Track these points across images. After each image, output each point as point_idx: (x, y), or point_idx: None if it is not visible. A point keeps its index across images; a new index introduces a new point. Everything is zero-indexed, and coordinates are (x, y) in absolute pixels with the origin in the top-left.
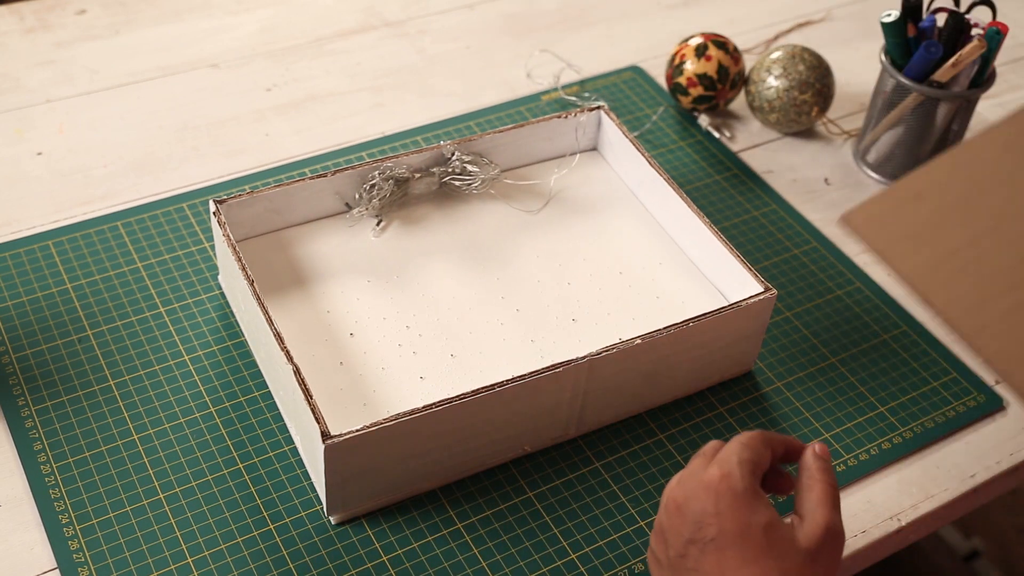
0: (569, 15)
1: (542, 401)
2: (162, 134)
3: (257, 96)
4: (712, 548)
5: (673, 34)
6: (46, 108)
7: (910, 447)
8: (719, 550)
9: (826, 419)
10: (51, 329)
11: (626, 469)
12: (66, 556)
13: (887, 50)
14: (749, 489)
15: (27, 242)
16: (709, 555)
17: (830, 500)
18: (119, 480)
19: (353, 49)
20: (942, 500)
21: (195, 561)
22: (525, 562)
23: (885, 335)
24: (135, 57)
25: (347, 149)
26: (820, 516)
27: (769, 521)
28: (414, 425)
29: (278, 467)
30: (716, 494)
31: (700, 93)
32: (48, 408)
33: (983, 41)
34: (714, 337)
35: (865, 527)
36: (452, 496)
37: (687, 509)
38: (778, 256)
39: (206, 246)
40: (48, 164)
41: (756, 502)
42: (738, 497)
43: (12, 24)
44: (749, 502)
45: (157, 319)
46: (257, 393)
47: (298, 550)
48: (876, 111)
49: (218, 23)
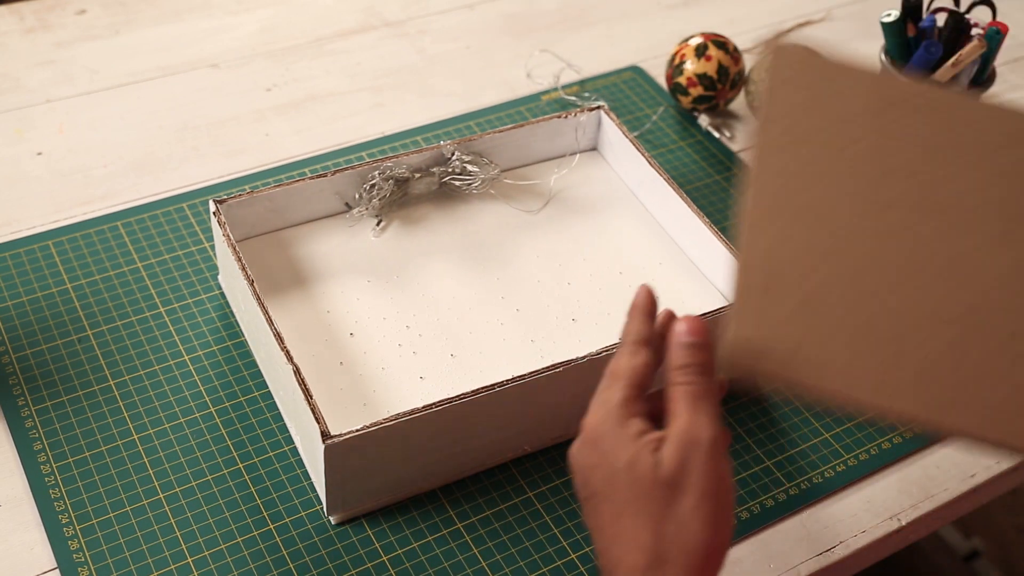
0: (569, 15)
1: (542, 401)
2: (162, 134)
3: (257, 96)
4: (592, 506)
5: (673, 34)
6: (46, 108)
7: (910, 447)
8: (596, 508)
9: (826, 419)
10: (51, 329)
11: None
12: (66, 556)
13: (887, 50)
14: (616, 425)
15: (27, 242)
16: (594, 516)
17: (686, 403)
18: (119, 480)
19: (353, 49)
20: (942, 500)
21: (195, 561)
22: (525, 562)
23: None
24: (135, 57)
25: (347, 149)
26: (674, 428)
27: (630, 458)
28: (414, 425)
29: (278, 467)
30: (591, 443)
31: (700, 93)
32: (48, 408)
33: (983, 41)
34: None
35: (865, 527)
36: (452, 496)
37: (574, 464)
38: None
39: (206, 246)
40: (48, 164)
41: (620, 437)
42: (605, 438)
43: (12, 24)
44: (615, 442)
45: (157, 319)
46: (257, 393)
47: (298, 550)
48: None
49: (218, 23)
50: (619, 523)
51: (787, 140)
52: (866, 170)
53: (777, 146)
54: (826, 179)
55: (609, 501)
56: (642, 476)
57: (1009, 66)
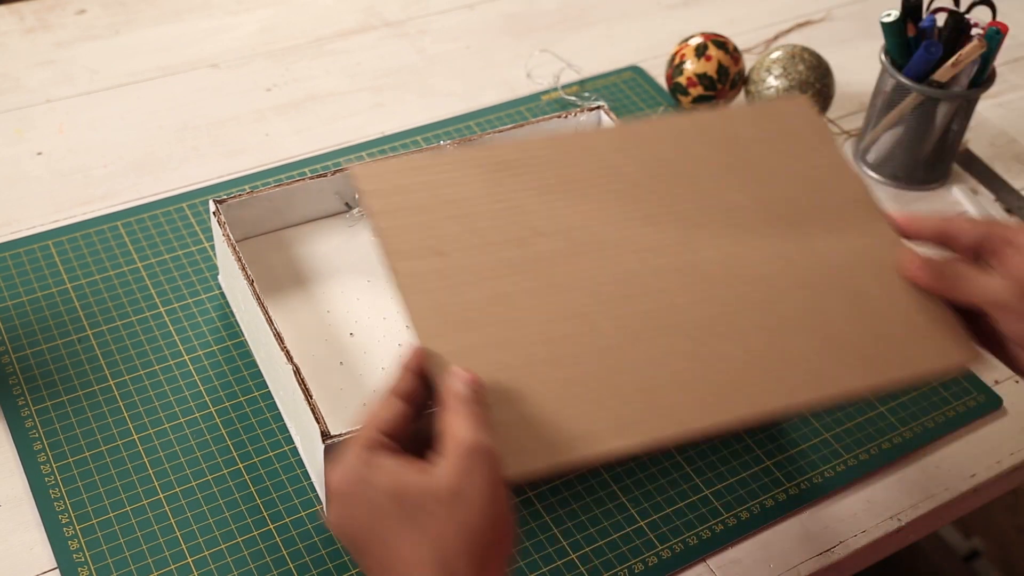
0: (569, 15)
1: None
2: (162, 134)
3: (257, 96)
4: (365, 553)
5: (673, 34)
6: (46, 108)
7: (910, 447)
8: (368, 552)
9: (826, 419)
10: (51, 329)
11: (626, 469)
12: (66, 556)
13: (887, 50)
14: (363, 468)
15: (27, 242)
16: (368, 560)
17: (461, 420)
18: (119, 480)
19: (353, 49)
20: (942, 500)
21: (195, 561)
22: (525, 562)
23: None
24: (135, 57)
25: (347, 149)
26: (451, 444)
27: (393, 487)
28: None
29: (278, 467)
30: (340, 498)
31: (700, 93)
32: (48, 408)
33: (983, 41)
34: None
35: (865, 527)
36: None
37: (334, 528)
38: None
39: (206, 246)
40: (48, 164)
41: (372, 475)
42: (355, 485)
43: (12, 24)
44: (367, 483)
45: (157, 319)
46: (257, 393)
47: (298, 550)
48: (876, 111)
49: (218, 23)
50: (394, 551)
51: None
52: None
53: (405, 253)
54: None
55: (379, 539)
56: (411, 497)
57: (1009, 66)
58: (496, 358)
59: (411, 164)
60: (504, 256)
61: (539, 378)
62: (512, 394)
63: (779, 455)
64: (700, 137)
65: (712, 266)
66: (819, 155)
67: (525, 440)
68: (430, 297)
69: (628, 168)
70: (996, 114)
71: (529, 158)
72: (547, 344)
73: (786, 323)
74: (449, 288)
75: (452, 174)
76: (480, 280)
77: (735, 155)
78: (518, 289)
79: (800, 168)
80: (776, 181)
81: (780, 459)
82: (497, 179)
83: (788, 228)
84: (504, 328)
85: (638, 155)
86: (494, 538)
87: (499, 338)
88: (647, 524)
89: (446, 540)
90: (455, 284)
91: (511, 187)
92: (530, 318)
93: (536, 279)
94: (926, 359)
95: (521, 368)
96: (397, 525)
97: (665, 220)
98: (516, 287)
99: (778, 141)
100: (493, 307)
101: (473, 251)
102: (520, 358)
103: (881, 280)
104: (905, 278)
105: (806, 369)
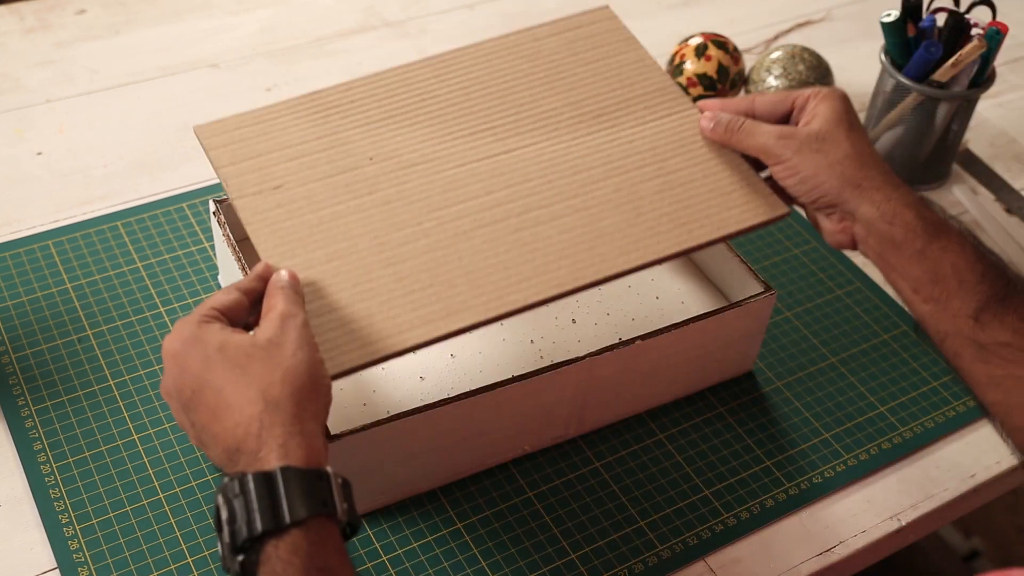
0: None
1: (542, 401)
2: (162, 134)
3: (257, 96)
4: (193, 405)
5: (673, 34)
6: (46, 108)
7: (910, 447)
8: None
9: (826, 419)
10: (51, 329)
11: (626, 469)
12: (66, 556)
13: (887, 50)
14: (196, 329)
15: (27, 242)
16: (197, 412)
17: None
18: (119, 480)
19: (353, 49)
20: (942, 500)
21: (195, 561)
22: (525, 562)
23: (885, 335)
24: (135, 57)
25: None
26: (272, 312)
27: (220, 342)
28: (414, 425)
29: None
30: (173, 357)
31: (700, 93)
32: (48, 408)
33: (983, 41)
34: (714, 337)
35: (865, 527)
36: (452, 496)
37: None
38: (778, 256)
39: (206, 246)
40: (48, 164)
41: (203, 335)
42: (187, 343)
43: (12, 24)
44: (199, 341)
45: (157, 319)
46: None
47: None
48: (876, 111)
49: (218, 23)
50: (224, 396)
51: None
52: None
53: (246, 191)
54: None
55: (208, 386)
56: (238, 348)
57: (1009, 66)
58: (334, 267)
59: (247, 119)
60: (338, 182)
61: (372, 277)
62: (340, 298)
63: (779, 455)
64: (510, 56)
65: (529, 164)
66: (624, 56)
67: (343, 340)
68: (272, 224)
69: (445, 92)
70: (996, 114)
71: (353, 97)
72: (381, 250)
73: (600, 204)
74: (289, 214)
75: (284, 120)
76: (317, 205)
77: (545, 67)
78: (352, 208)
79: (605, 69)
80: (585, 84)
81: (780, 459)
82: (326, 119)
83: (597, 122)
84: (341, 240)
85: (454, 80)
86: (310, 384)
87: (337, 250)
88: (647, 524)
89: (270, 381)
90: (294, 211)
91: (339, 125)
92: (365, 230)
93: (369, 197)
94: (733, 218)
95: (356, 272)
96: (227, 372)
97: (483, 132)
98: (351, 206)
99: (584, 50)
100: (330, 224)
101: (309, 183)
102: (355, 264)
103: (686, 155)
104: (703, 137)
105: (621, 241)
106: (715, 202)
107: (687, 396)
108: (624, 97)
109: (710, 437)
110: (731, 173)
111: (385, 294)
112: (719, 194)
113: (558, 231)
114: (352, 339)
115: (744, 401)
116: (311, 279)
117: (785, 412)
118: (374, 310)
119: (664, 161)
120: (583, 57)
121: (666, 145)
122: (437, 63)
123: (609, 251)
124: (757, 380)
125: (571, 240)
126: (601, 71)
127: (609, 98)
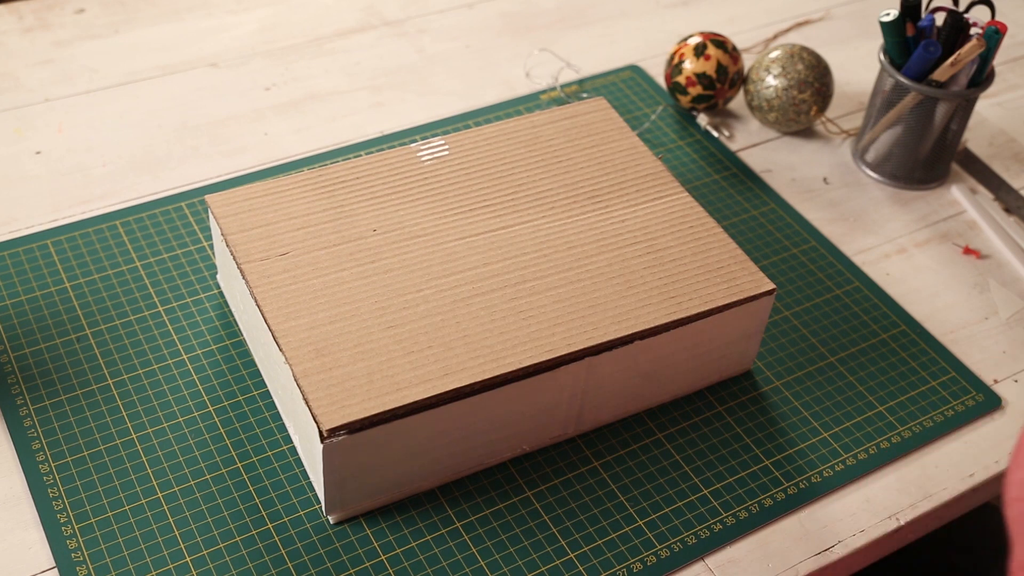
0: (568, 14)
1: (541, 401)
2: (161, 133)
3: (256, 95)
4: None
5: (672, 33)
6: (45, 107)
7: (909, 446)
8: None
9: (825, 418)
10: (50, 329)
11: (625, 469)
12: (64, 556)
13: (886, 49)
14: None
15: (26, 241)
16: None
17: None
18: (118, 480)
19: (352, 48)
20: (941, 500)
21: (194, 561)
22: (524, 562)
23: (884, 334)
24: (135, 57)
25: (346, 148)
26: None
27: None
28: (413, 425)
29: (276, 467)
30: None
31: (699, 92)
32: (47, 408)
33: (982, 40)
34: (713, 336)
35: (864, 527)
36: (451, 496)
37: None
38: (777, 255)
39: (205, 246)
40: (47, 163)
41: None
42: None
43: (11, 23)
44: None
45: (156, 319)
46: (256, 393)
47: (296, 549)
48: (875, 110)
49: (218, 23)
50: None
51: (256, 250)
52: (333, 230)
53: (252, 257)
54: (307, 258)
55: None
56: None
57: (1008, 66)
58: (337, 327)
59: (256, 191)
60: (342, 251)
61: (373, 338)
62: (342, 357)
63: (778, 454)
64: (509, 140)
65: (525, 239)
66: (618, 144)
67: (342, 396)
68: (278, 288)
69: (446, 172)
70: (995, 113)
71: (359, 173)
72: (382, 313)
73: (593, 277)
74: (294, 279)
75: (292, 192)
76: (321, 271)
77: (542, 151)
78: (355, 274)
79: (600, 155)
80: (580, 168)
81: (779, 458)
82: (332, 193)
83: (591, 203)
84: (344, 304)
85: (455, 160)
86: None
87: (340, 312)
88: (646, 524)
89: None
90: (299, 276)
91: (345, 199)
92: (367, 295)
93: (371, 265)
94: (720, 292)
95: (358, 333)
96: None
97: (482, 209)
98: (354, 273)
99: (580, 136)
100: (334, 289)
101: (314, 250)
102: (357, 325)
103: (676, 234)
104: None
105: (613, 311)
106: (703, 278)
107: (686, 396)
108: (617, 181)
109: (709, 436)
110: (719, 251)
111: (385, 354)
112: (707, 270)
113: (552, 300)
114: (352, 395)
115: (743, 400)
116: (314, 338)
117: (784, 411)
118: (374, 369)
119: (655, 239)
120: (579, 143)
121: (657, 225)
122: (439, 145)
123: (601, 320)
124: (756, 379)
125: (564, 309)
126: (596, 156)
127: (603, 181)
